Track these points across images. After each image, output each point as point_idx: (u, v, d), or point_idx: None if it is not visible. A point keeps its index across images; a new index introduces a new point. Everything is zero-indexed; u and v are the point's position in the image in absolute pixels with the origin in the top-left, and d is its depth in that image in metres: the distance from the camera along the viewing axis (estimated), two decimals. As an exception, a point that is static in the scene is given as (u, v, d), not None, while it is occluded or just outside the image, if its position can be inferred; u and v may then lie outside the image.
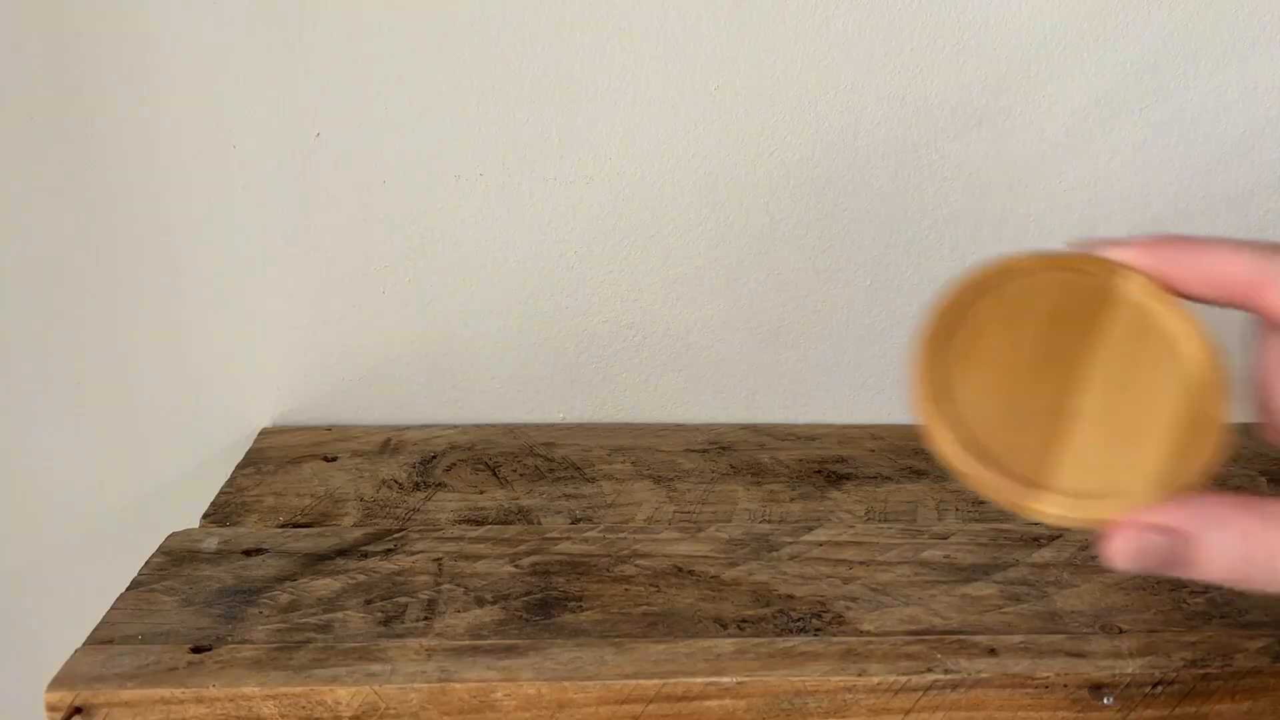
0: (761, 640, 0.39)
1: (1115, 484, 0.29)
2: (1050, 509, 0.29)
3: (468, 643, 0.39)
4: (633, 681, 0.37)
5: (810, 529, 0.47)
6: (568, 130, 0.55)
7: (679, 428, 0.59)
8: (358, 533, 0.47)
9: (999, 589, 0.43)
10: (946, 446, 0.30)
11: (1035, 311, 0.32)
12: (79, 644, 0.38)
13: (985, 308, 0.32)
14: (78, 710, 0.35)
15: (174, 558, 0.44)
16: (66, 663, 0.37)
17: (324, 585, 0.42)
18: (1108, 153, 0.57)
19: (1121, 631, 0.40)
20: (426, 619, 0.40)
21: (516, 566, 0.44)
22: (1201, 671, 0.38)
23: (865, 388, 0.61)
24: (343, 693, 0.36)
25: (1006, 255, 0.33)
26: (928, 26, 0.54)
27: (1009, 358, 0.31)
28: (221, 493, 0.51)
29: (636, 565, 0.44)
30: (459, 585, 0.43)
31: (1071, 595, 0.42)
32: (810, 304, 0.59)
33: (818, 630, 0.40)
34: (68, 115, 0.54)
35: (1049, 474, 0.29)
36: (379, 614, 0.40)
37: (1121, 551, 0.29)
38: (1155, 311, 0.32)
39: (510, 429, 0.59)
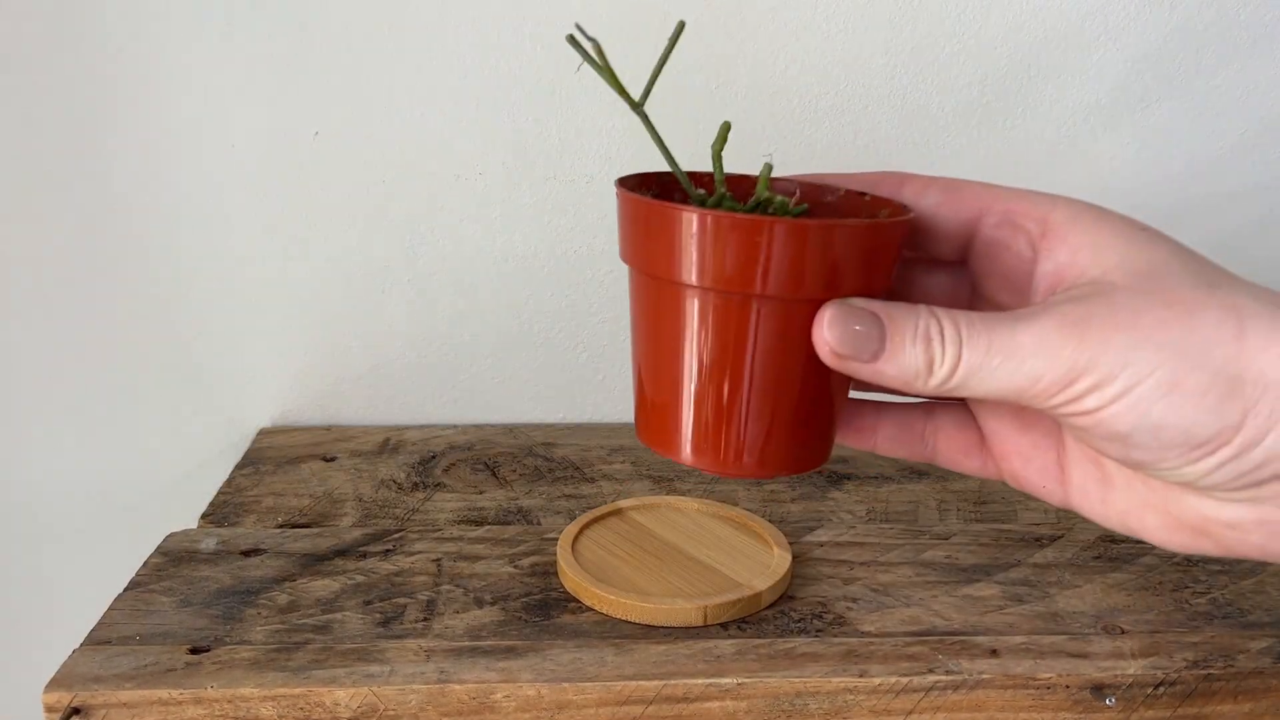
0: (762, 641, 0.39)
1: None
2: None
3: (467, 643, 0.38)
4: (633, 683, 0.36)
5: (811, 529, 0.47)
6: (567, 130, 0.55)
7: (679, 428, 0.59)
8: (357, 533, 0.47)
9: (1001, 589, 0.43)
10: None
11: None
12: (77, 644, 0.38)
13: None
14: (76, 711, 0.35)
15: (172, 558, 0.44)
16: (64, 663, 0.37)
17: (322, 586, 0.42)
18: (1108, 153, 0.57)
19: (1123, 632, 0.40)
20: (425, 620, 0.40)
21: (516, 567, 0.44)
22: (1204, 672, 0.38)
23: (865, 388, 0.61)
24: (341, 694, 0.36)
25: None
26: (928, 26, 0.54)
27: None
28: (220, 493, 0.51)
29: (636, 566, 0.44)
30: (458, 586, 0.42)
31: (1073, 596, 0.42)
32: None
33: (819, 631, 0.40)
34: (69, 117, 0.54)
35: None
36: (378, 615, 0.40)
37: (831, 313, 0.32)
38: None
39: (510, 429, 0.59)
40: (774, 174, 0.38)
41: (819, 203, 0.37)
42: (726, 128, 0.35)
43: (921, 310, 0.32)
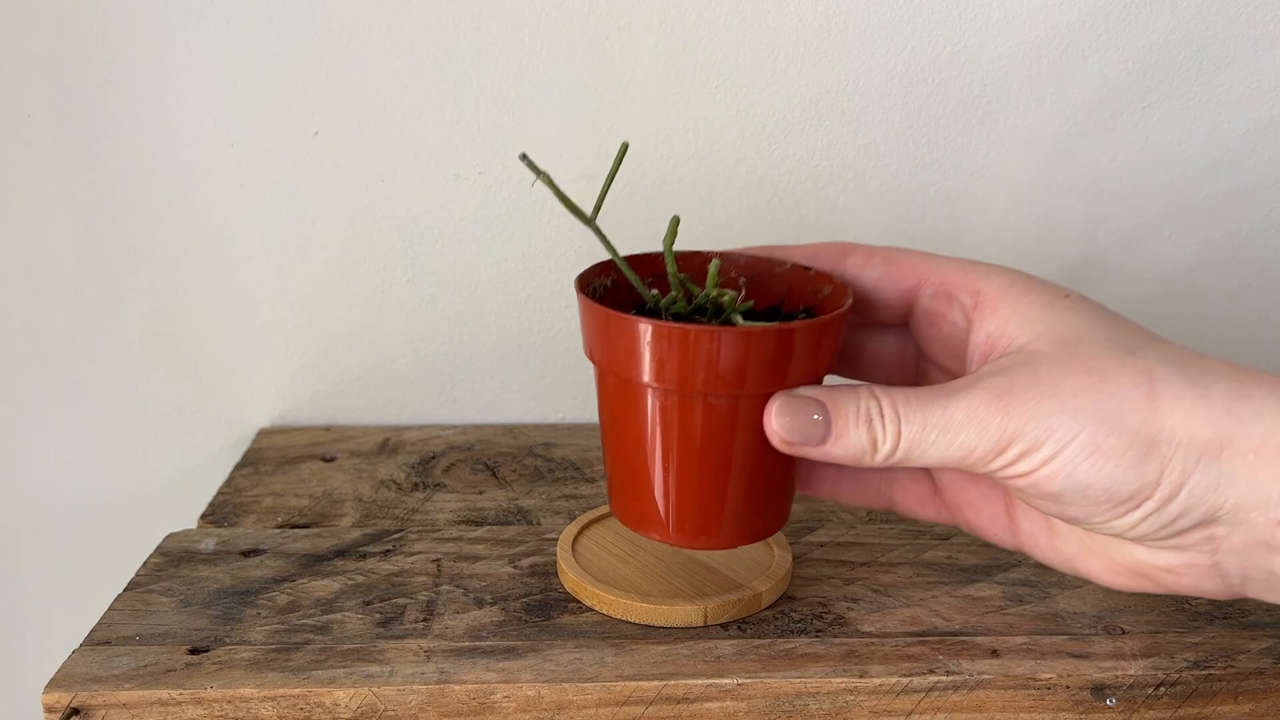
0: (762, 642, 0.39)
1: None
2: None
3: (467, 644, 0.38)
4: (633, 683, 0.36)
5: (812, 529, 0.47)
6: (567, 128, 0.55)
7: (679, 428, 0.59)
8: (356, 533, 0.47)
9: (1001, 590, 0.42)
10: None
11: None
12: (76, 645, 0.38)
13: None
14: (75, 711, 0.35)
15: (172, 558, 0.44)
16: (64, 664, 0.37)
17: (322, 586, 0.42)
18: (1108, 152, 0.57)
19: (1124, 632, 0.40)
20: (425, 620, 0.40)
21: (516, 567, 0.44)
22: (1204, 673, 0.38)
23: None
24: (341, 694, 0.36)
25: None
26: (928, 26, 0.54)
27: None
28: (219, 493, 0.51)
29: (636, 566, 0.44)
30: (458, 586, 0.42)
31: (1074, 596, 0.42)
32: (810, 304, 0.59)
33: (819, 631, 0.40)
34: (67, 115, 0.53)
35: None
36: (377, 615, 0.40)
37: (779, 407, 0.35)
38: None
39: (509, 429, 0.59)
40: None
41: (769, 274, 0.40)
42: (675, 222, 0.37)
43: (862, 392, 0.35)
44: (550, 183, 0.36)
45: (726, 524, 0.38)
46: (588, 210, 0.37)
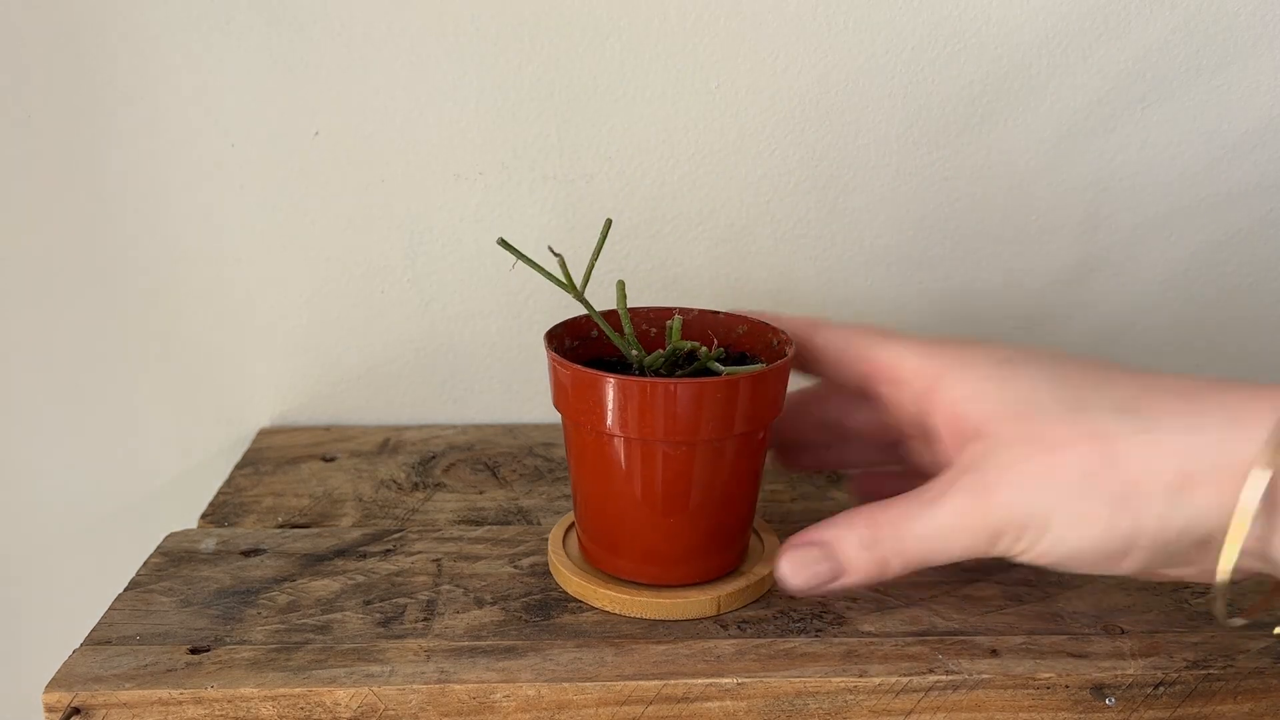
0: (762, 641, 0.39)
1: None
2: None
3: (467, 644, 0.38)
4: (633, 683, 0.36)
5: (811, 529, 0.47)
6: (567, 129, 0.55)
7: (679, 428, 0.59)
8: (356, 533, 0.47)
9: (1001, 589, 0.42)
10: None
11: None
12: (77, 644, 0.38)
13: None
14: (76, 711, 0.35)
15: (172, 558, 0.44)
16: (64, 663, 0.37)
17: (322, 586, 0.42)
18: (1108, 152, 0.57)
19: (1123, 632, 0.40)
20: (425, 620, 0.40)
21: (516, 567, 0.44)
22: (1203, 672, 0.38)
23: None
24: (341, 694, 0.36)
25: None
26: (928, 26, 0.54)
27: None
28: (220, 493, 0.51)
29: (636, 566, 0.44)
30: (458, 586, 0.42)
31: (1073, 596, 0.42)
32: (810, 305, 0.59)
33: (819, 631, 0.40)
34: (67, 115, 0.54)
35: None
36: (378, 615, 0.40)
37: (789, 565, 0.37)
38: None
39: (509, 429, 0.59)
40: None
41: (711, 326, 0.44)
42: (622, 286, 0.43)
43: (857, 523, 0.37)
44: (534, 265, 0.40)
45: (689, 560, 0.40)
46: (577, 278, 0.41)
